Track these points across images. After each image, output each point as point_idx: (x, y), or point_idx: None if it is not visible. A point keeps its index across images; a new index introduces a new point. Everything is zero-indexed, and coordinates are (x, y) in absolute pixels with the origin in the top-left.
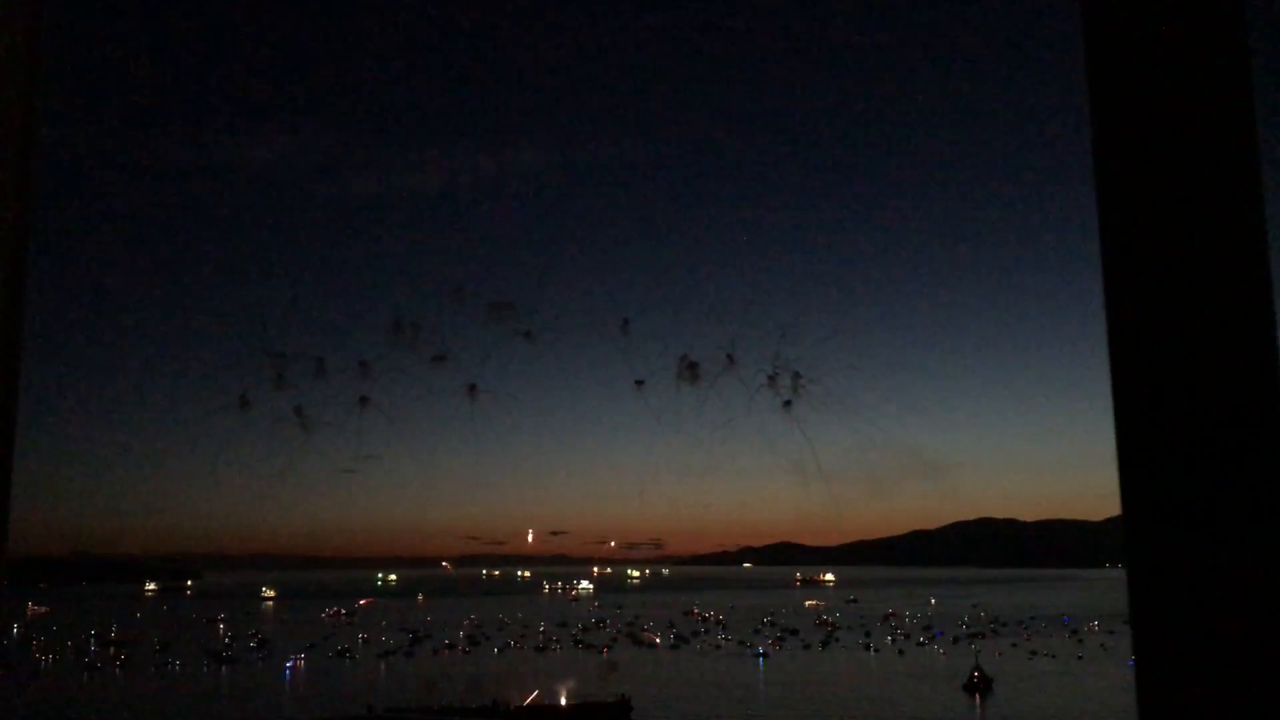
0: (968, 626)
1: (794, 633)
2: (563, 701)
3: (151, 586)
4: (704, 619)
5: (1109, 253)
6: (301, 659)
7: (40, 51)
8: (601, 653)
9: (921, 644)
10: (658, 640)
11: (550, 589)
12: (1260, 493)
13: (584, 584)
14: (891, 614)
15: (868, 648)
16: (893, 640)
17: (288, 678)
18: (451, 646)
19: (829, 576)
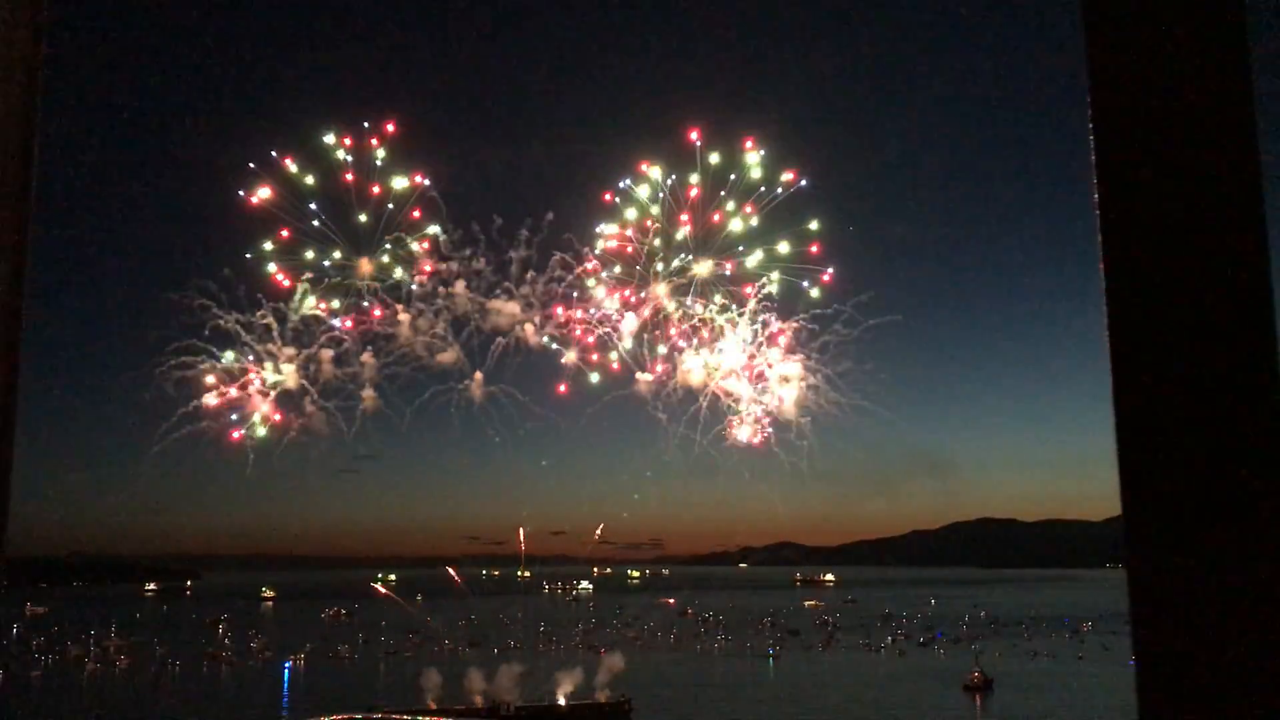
0: (968, 627)
1: (794, 633)
2: (562, 702)
3: (151, 586)
4: (703, 620)
5: (1109, 252)
6: (301, 659)
7: (42, 50)
8: (600, 653)
9: (922, 644)
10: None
11: (550, 589)
12: (1260, 493)
13: (584, 584)
14: (889, 613)
15: (868, 648)
16: (893, 640)
17: (287, 678)
18: (452, 647)
19: (829, 577)
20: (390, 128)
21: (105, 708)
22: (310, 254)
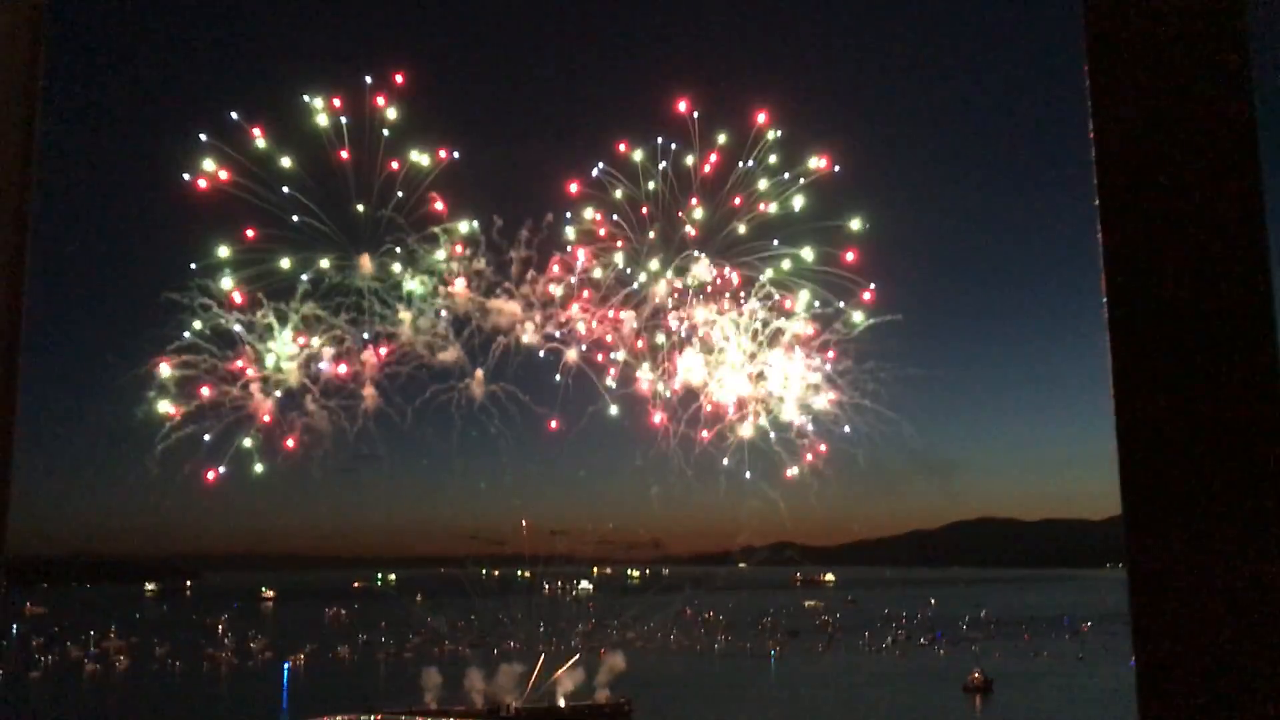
0: (968, 627)
1: (794, 634)
2: (562, 703)
3: (151, 587)
4: (704, 620)
5: (1109, 252)
6: (301, 659)
7: (42, 50)
8: (600, 653)
9: (922, 644)
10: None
11: (550, 589)
12: (1260, 493)
13: (584, 584)
14: (889, 613)
15: (868, 648)
16: (893, 640)
17: (287, 678)
18: (450, 647)
19: (829, 577)
20: (399, 78)
21: (105, 708)
22: (287, 262)
